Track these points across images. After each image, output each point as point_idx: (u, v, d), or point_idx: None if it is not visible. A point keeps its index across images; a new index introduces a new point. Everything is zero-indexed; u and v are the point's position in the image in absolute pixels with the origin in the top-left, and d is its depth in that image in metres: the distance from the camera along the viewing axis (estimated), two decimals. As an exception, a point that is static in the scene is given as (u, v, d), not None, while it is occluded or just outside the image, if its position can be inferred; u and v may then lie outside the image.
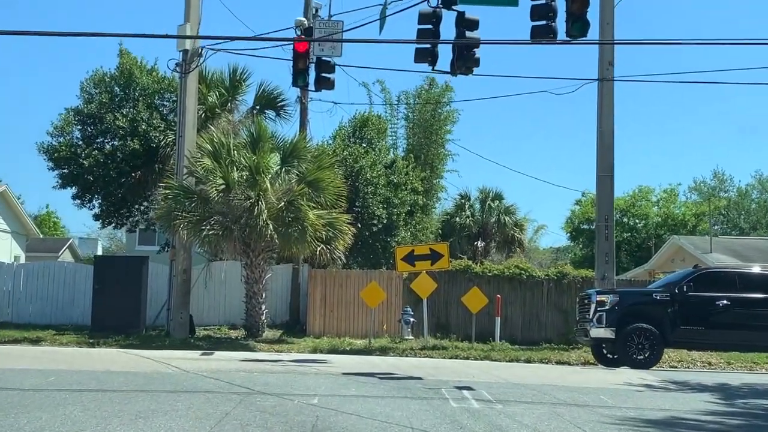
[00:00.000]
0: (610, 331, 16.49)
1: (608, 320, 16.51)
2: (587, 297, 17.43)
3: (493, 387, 11.99)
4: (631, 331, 16.27)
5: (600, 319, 16.64)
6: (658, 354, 16.48)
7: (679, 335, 16.58)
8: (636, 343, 16.27)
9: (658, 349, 16.39)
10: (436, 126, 38.34)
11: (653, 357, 16.35)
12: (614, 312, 16.58)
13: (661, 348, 16.47)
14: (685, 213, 46.50)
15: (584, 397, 11.42)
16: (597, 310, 16.72)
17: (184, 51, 19.83)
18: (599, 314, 16.67)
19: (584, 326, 17.24)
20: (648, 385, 13.18)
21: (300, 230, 18.81)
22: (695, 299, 16.58)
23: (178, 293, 19.83)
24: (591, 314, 16.84)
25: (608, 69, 20.26)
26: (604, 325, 16.56)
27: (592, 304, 16.87)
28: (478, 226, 38.10)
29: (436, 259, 19.59)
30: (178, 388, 10.81)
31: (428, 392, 11.13)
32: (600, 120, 20.31)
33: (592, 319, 16.76)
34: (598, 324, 16.65)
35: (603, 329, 16.58)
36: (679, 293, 16.63)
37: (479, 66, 15.26)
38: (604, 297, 16.88)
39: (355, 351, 18.55)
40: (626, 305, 16.78)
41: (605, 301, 16.75)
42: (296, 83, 17.34)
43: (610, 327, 16.48)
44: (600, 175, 20.30)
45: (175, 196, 19.08)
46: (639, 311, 16.80)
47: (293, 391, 10.80)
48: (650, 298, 17.08)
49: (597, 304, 16.76)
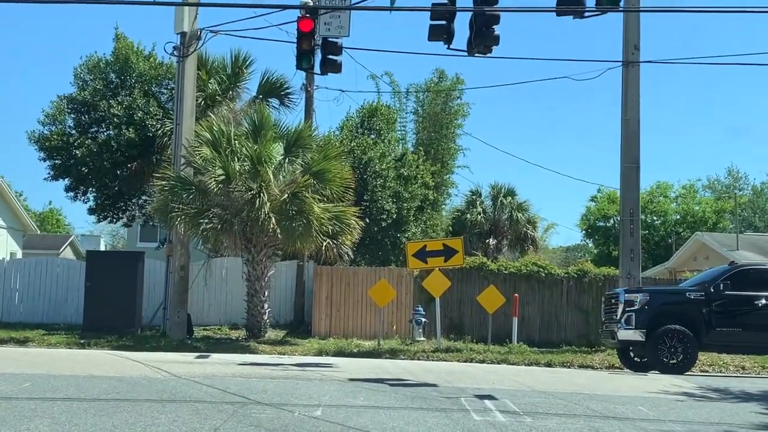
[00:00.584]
0: (639, 333, 15.28)
1: (638, 321, 15.33)
2: (614, 296, 16.20)
3: (517, 396, 10.77)
4: (663, 333, 15.08)
5: (629, 319, 15.43)
6: (692, 358, 15.27)
7: (714, 337, 15.37)
8: (668, 346, 15.08)
9: (692, 353, 15.18)
10: (447, 120, 37.30)
11: (687, 361, 15.15)
12: (644, 312, 15.37)
13: (695, 351, 15.27)
14: (704, 210, 45.03)
15: (621, 408, 10.20)
16: (625, 310, 15.52)
17: (182, 34, 18.65)
18: (628, 315, 15.46)
19: (611, 327, 16.01)
20: (687, 394, 11.98)
21: (304, 224, 17.63)
22: (732, 299, 15.39)
23: (175, 291, 18.67)
24: (619, 315, 15.63)
25: (634, 53, 19.02)
26: (633, 327, 15.36)
27: (620, 303, 15.66)
28: (490, 223, 36.87)
29: (450, 256, 18.34)
30: (164, 397, 9.62)
31: (446, 402, 9.91)
32: (624, 107, 19.07)
33: (620, 320, 15.56)
34: (627, 325, 15.44)
35: (632, 331, 15.37)
36: (715, 292, 15.42)
37: (498, 44, 14.02)
38: (633, 296, 15.67)
39: (363, 353, 17.37)
40: (657, 305, 15.57)
41: (634, 300, 15.54)
42: (300, 65, 16.14)
43: (640, 328, 15.27)
44: (624, 166, 19.06)
45: (171, 188, 17.90)
46: (671, 311, 15.59)
47: (294, 401, 9.60)
48: (683, 297, 15.83)
49: (625, 304, 15.56)
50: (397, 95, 35.97)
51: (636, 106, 19.04)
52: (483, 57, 15.13)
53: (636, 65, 19.07)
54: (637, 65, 19.08)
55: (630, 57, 19.00)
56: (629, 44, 19.07)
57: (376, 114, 26.61)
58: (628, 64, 19.06)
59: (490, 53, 14.30)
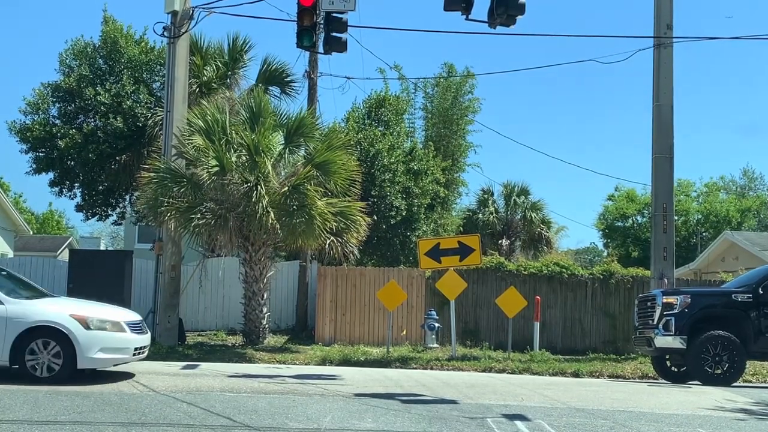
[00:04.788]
0: (680, 339, 13.67)
1: (678, 326, 13.74)
2: (651, 298, 14.56)
3: (552, 415, 9.16)
4: (707, 339, 13.45)
5: (667, 325, 13.81)
6: (740, 368, 13.62)
7: (763, 345, 13.75)
8: (712, 354, 13.44)
9: (739, 363, 13.54)
10: (457, 116, 35.76)
11: (734, 372, 13.53)
12: (685, 316, 13.76)
13: (743, 361, 13.62)
14: (728, 209, 43.15)
15: (677, 430, 8.59)
16: (664, 314, 13.91)
17: (172, 13, 17.11)
18: (666, 319, 13.84)
19: (646, 334, 14.36)
20: (746, 411, 10.39)
21: (306, 219, 16.05)
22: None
23: (166, 293, 17.11)
24: (656, 319, 14.02)
25: (666, 32, 17.44)
26: (672, 333, 13.75)
27: (658, 306, 14.05)
28: (503, 223, 35.36)
29: (466, 254, 16.70)
30: (133, 419, 8.03)
31: (470, 425, 8.30)
32: (656, 92, 17.58)
33: (658, 325, 13.94)
34: (665, 331, 13.81)
35: (671, 337, 13.76)
36: (764, 294, 13.80)
37: (524, 14, 12.40)
38: (672, 298, 14.03)
39: (370, 362, 15.75)
40: (699, 308, 13.94)
41: (674, 303, 13.91)
42: (301, 43, 14.57)
43: (681, 335, 13.68)
44: (656, 156, 17.54)
45: (161, 180, 16.32)
46: (715, 315, 13.95)
47: (288, 424, 8.01)
48: (728, 299, 14.13)
49: (664, 307, 13.94)
50: (405, 90, 34.40)
51: (669, 91, 17.54)
52: (505, 32, 13.65)
53: (669, 46, 17.52)
54: (670, 46, 17.54)
55: (662, 38, 17.48)
56: (661, 23, 17.57)
57: (384, 104, 24.96)
58: (660, 45, 17.52)
59: (514, 25, 12.71)
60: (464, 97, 36.20)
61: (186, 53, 17.50)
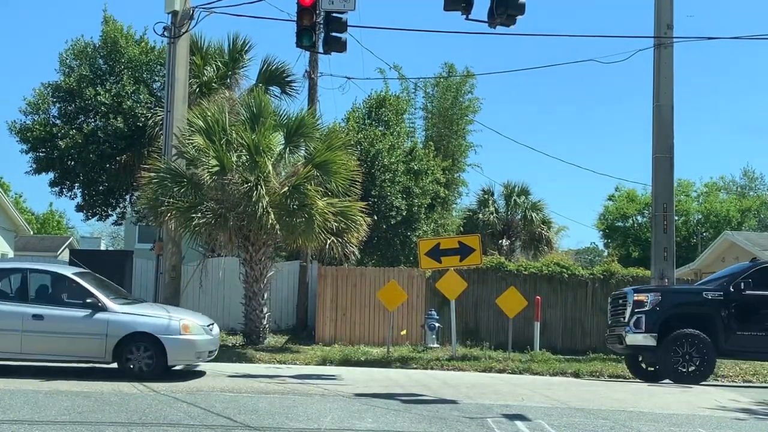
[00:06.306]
0: (650, 337, 13.69)
1: (648, 324, 13.74)
2: (622, 296, 14.61)
3: (553, 415, 9.16)
4: (677, 338, 13.44)
5: (638, 322, 13.84)
6: (710, 366, 13.64)
7: (734, 343, 13.75)
8: (682, 352, 13.44)
9: (709, 360, 13.55)
10: (457, 116, 35.73)
11: (704, 370, 13.54)
12: (655, 314, 13.79)
13: (713, 359, 13.63)
14: (728, 209, 43.05)
15: (677, 430, 8.59)
16: (635, 311, 13.92)
17: (173, 13, 17.06)
18: (637, 317, 13.88)
19: (618, 331, 14.39)
20: (747, 410, 10.42)
21: (306, 219, 16.03)
22: (754, 299, 13.75)
23: (166, 293, 17.07)
24: (627, 317, 14.04)
25: (666, 32, 17.42)
26: (643, 330, 13.77)
27: (629, 304, 14.06)
28: (503, 223, 35.32)
29: (467, 254, 16.67)
30: (133, 419, 8.04)
31: (470, 425, 8.30)
32: (656, 92, 17.46)
33: (629, 323, 13.96)
34: (636, 329, 13.83)
35: (642, 335, 13.78)
36: (735, 292, 13.79)
37: (524, 14, 12.39)
38: (643, 296, 14.04)
39: (370, 362, 15.76)
40: (670, 306, 13.97)
41: (644, 300, 13.91)
42: (301, 43, 14.56)
43: (651, 332, 13.69)
44: (656, 156, 17.43)
45: (161, 180, 16.30)
46: (686, 313, 13.99)
47: (289, 424, 8.01)
48: (699, 297, 14.17)
49: (635, 305, 13.94)
50: (405, 90, 34.36)
51: (669, 91, 17.45)
52: (505, 32, 13.65)
53: (669, 46, 17.48)
54: (670, 46, 17.50)
55: (662, 37, 17.46)
56: (662, 23, 17.50)
57: (384, 104, 24.93)
58: (660, 45, 17.49)
59: (514, 25, 12.71)
60: (464, 97, 36.18)
61: (186, 53, 17.47)
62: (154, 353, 11.44)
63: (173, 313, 12.38)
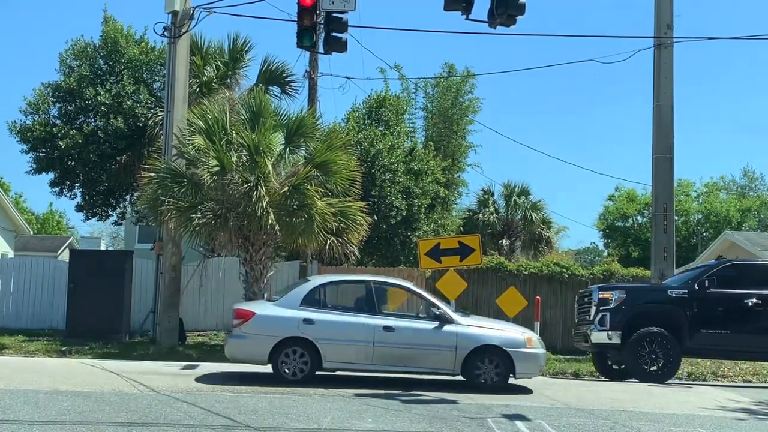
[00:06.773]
0: (615, 335, 13.66)
1: (613, 322, 13.71)
2: (588, 294, 14.64)
3: (553, 415, 9.18)
4: (641, 336, 13.42)
5: (603, 320, 13.83)
6: (675, 364, 13.66)
7: (698, 341, 13.75)
8: (647, 351, 13.42)
9: (674, 359, 13.56)
10: (457, 116, 35.74)
11: (669, 368, 13.57)
12: (620, 312, 13.75)
13: (678, 357, 13.64)
14: (728, 209, 43.05)
15: (677, 430, 8.61)
16: (599, 309, 13.91)
17: (173, 13, 17.10)
18: (602, 315, 13.87)
19: (583, 329, 14.37)
20: (746, 410, 10.47)
21: (306, 219, 16.01)
22: (718, 297, 13.77)
23: (166, 293, 17.10)
24: (592, 315, 14.02)
25: (666, 32, 17.46)
26: (607, 328, 13.72)
27: (594, 302, 14.06)
28: (503, 223, 35.33)
29: (467, 254, 16.67)
30: (133, 418, 8.05)
31: (470, 425, 8.31)
32: (657, 92, 17.58)
33: (593, 321, 13.93)
34: (601, 327, 13.83)
35: (606, 333, 13.75)
36: (699, 290, 13.82)
37: (524, 14, 12.42)
38: (607, 293, 14.03)
39: (370, 362, 15.71)
40: (635, 304, 13.95)
41: (609, 298, 13.90)
42: (301, 43, 14.65)
43: (615, 330, 13.64)
44: (656, 156, 17.54)
45: (161, 180, 16.28)
46: (650, 311, 14.00)
47: (288, 423, 8.02)
48: (664, 295, 14.17)
49: (599, 303, 13.94)
50: (405, 90, 34.39)
51: (669, 91, 17.55)
52: (505, 32, 13.66)
53: (669, 46, 17.53)
54: (670, 46, 17.55)
55: (662, 38, 17.50)
56: (661, 23, 17.60)
57: (384, 104, 24.93)
58: (660, 45, 17.53)
59: (514, 25, 12.73)
60: (464, 97, 36.21)
61: (186, 53, 17.49)
62: (501, 366, 11.44)
63: (508, 326, 12.47)
